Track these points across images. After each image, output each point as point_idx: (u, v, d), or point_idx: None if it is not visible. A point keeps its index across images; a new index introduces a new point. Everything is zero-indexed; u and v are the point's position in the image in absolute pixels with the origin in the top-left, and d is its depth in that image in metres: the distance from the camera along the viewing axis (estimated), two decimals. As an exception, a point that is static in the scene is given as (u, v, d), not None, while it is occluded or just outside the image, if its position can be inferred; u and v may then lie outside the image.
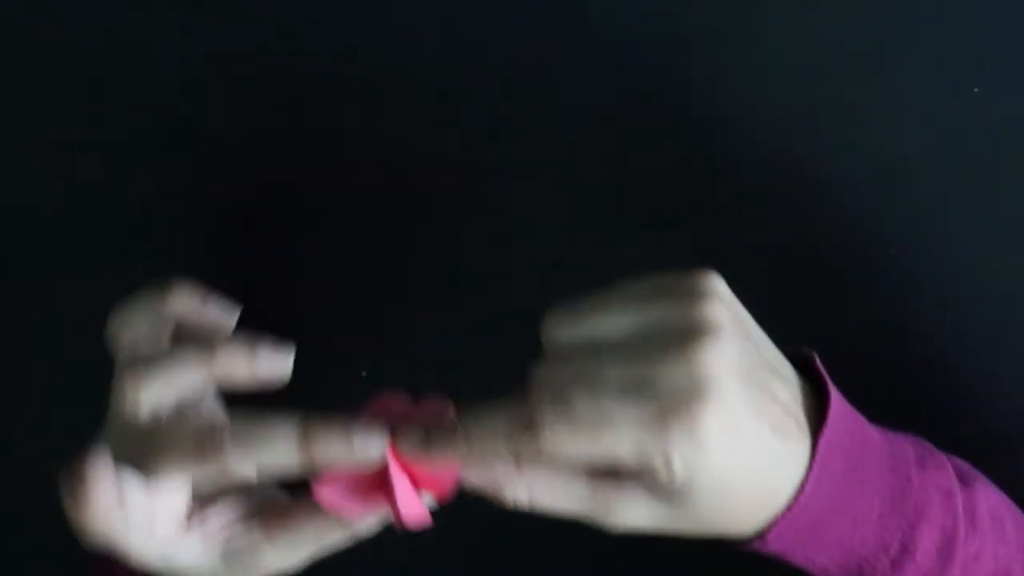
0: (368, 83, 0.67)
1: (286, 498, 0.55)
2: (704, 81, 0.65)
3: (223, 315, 0.57)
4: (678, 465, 0.48)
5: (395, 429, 0.51)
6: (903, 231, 0.66)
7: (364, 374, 0.70)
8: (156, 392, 0.52)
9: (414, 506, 0.50)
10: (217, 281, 0.66)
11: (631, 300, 0.51)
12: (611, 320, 0.51)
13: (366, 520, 0.53)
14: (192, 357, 0.53)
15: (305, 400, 0.70)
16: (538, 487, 0.51)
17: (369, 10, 0.66)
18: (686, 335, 0.49)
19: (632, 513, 0.52)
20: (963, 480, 0.58)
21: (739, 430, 0.49)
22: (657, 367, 0.48)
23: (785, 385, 0.52)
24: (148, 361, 0.53)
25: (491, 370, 0.64)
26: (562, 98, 0.67)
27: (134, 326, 0.55)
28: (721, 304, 0.50)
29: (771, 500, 0.52)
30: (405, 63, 0.67)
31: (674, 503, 0.51)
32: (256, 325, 0.67)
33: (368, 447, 0.50)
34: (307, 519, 0.54)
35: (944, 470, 0.57)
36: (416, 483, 0.51)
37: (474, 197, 0.69)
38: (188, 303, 0.57)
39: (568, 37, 0.66)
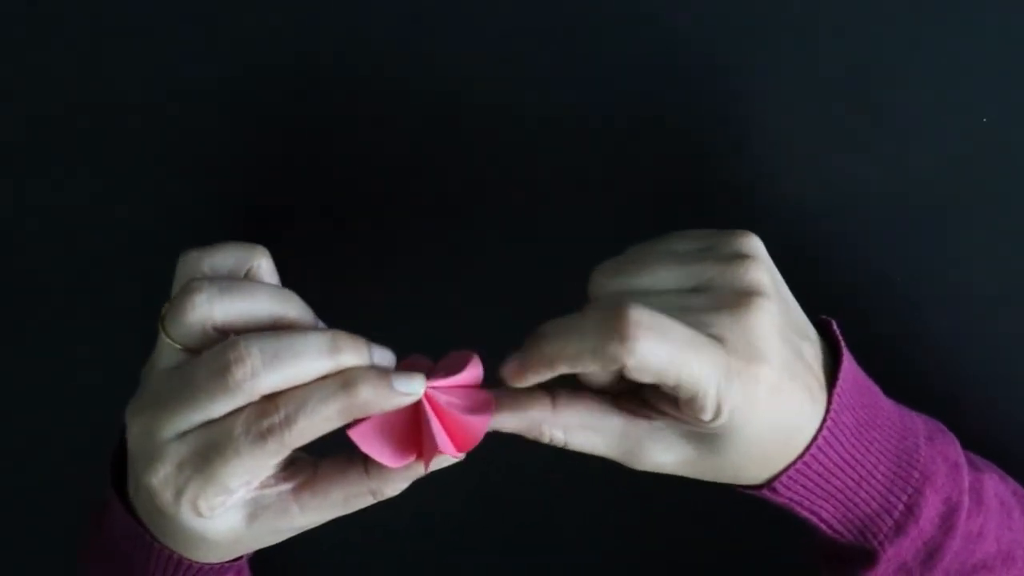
0: (373, 89, 0.66)
1: (313, 458, 0.54)
2: (709, 111, 0.65)
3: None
4: (726, 411, 0.50)
5: (431, 371, 0.52)
6: (910, 261, 0.66)
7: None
8: (231, 309, 0.50)
9: (443, 447, 0.51)
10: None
11: (678, 258, 0.53)
12: (659, 276, 0.52)
13: (395, 476, 0.52)
14: (270, 289, 0.51)
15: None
16: (573, 424, 0.52)
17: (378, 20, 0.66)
18: (738, 297, 0.51)
19: (661, 453, 0.53)
20: (974, 465, 0.59)
21: (780, 388, 0.51)
22: (717, 320, 0.50)
23: (810, 345, 0.54)
24: (231, 281, 0.51)
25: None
26: (570, 119, 0.66)
27: (215, 261, 0.53)
28: (764, 267, 0.52)
29: (788, 451, 0.53)
30: (416, 80, 0.66)
31: (703, 448, 0.52)
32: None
33: (385, 358, 0.51)
34: (337, 481, 0.52)
35: (953, 445, 0.58)
36: (446, 432, 0.51)
37: (485, 209, 0.68)
38: (270, 265, 0.55)
39: (579, 66, 0.65)
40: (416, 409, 0.51)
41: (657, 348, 0.48)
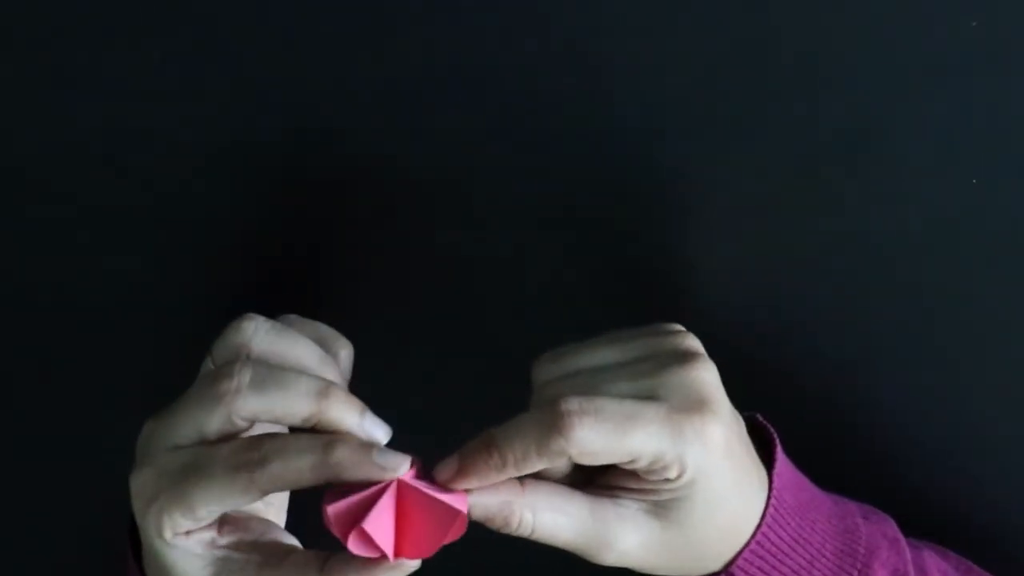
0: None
1: (291, 544, 0.54)
2: (697, 168, 0.65)
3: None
4: (690, 464, 0.51)
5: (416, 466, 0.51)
6: (899, 321, 0.66)
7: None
8: (258, 410, 0.51)
9: (453, 504, 0.51)
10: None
11: (613, 340, 0.55)
12: (600, 354, 0.54)
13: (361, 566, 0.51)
14: (309, 389, 0.51)
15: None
16: (542, 506, 0.52)
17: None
18: (680, 357, 0.53)
19: (629, 533, 0.53)
20: (911, 543, 0.61)
21: (731, 445, 0.53)
22: (662, 380, 0.52)
23: (743, 425, 0.56)
24: (276, 378, 0.51)
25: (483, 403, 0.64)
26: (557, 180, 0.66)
27: (283, 344, 0.53)
28: (698, 341, 0.55)
29: (740, 530, 0.55)
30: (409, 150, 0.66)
31: (669, 520, 0.53)
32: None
33: (377, 430, 0.52)
34: (295, 566, 0.52)
35: (888, 523, 0.60)
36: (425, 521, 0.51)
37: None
38: (348, 355, 0.56)
39: (568, 127, 0.65)
40: (407, 499, 0.51)
41: (596, 432, 0.50)
